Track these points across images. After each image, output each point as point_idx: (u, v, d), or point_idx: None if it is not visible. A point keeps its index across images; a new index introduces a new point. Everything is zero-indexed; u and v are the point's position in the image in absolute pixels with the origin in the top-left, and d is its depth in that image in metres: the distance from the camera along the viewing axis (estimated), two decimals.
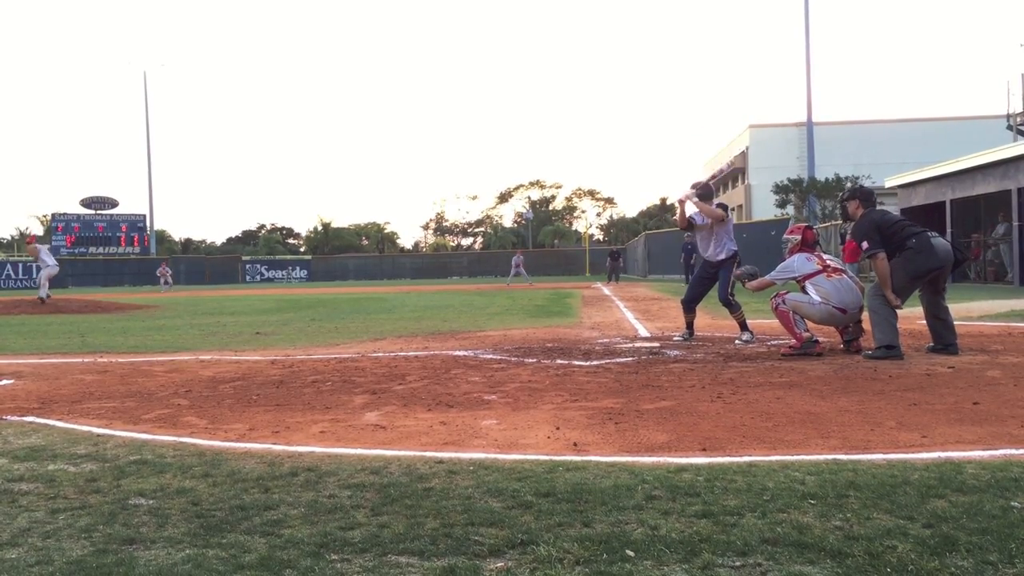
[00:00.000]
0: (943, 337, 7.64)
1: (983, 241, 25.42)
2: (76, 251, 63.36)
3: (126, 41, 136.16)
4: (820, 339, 7.96)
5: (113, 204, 66.64)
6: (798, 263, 8.23)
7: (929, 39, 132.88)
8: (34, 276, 42.80)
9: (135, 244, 65.90)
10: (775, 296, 8.10)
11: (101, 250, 64.31)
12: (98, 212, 65.60)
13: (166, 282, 46.08)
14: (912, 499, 3.13)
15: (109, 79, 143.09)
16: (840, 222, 34.64)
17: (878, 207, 7.88)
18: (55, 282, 23.88)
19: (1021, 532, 2.74)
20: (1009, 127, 35.66)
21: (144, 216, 67.60)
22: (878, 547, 2.64)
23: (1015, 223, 22.45)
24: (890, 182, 30.71)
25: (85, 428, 4.99)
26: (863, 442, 4.15)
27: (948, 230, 26.22)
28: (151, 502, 3.39)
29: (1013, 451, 3.86)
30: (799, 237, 8.40)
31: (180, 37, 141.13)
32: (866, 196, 7.92)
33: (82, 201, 65.70)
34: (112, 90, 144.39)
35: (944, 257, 7.52)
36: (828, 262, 8.21)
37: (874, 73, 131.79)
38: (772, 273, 8.32)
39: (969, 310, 13.17)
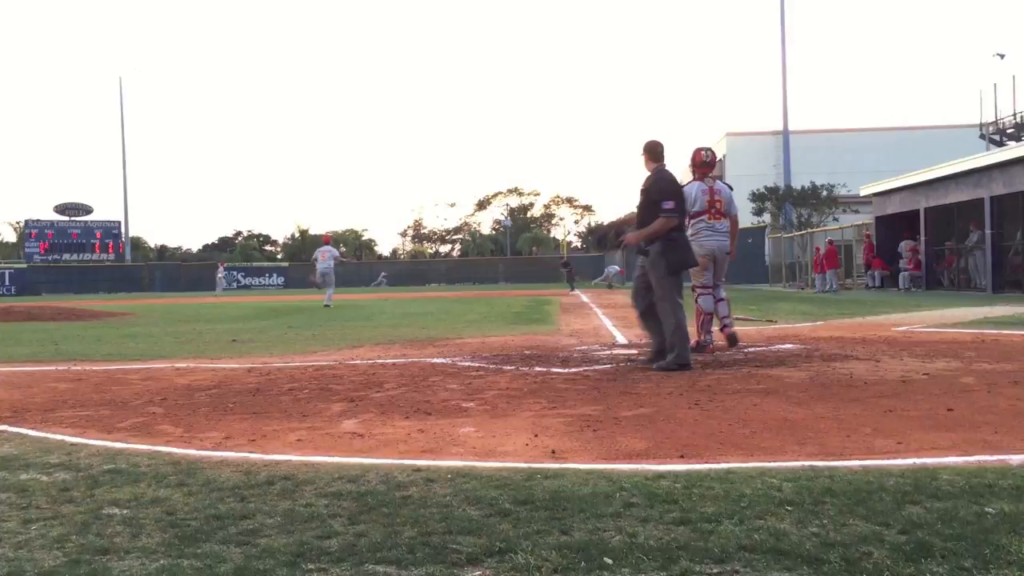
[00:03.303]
0: (658, 343, 7.65)
1: (957, 249, 25.71)
2: (50, 258, 62.74)
3: (101, 45, 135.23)
4: (712, 347, 8.63)
5: (87, 210, 66.06)
6: (696, 192, 8.60)
7: (904, 49, 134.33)
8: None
9: (110, 251, 65.34)
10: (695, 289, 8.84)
11: (75, 257, 63.70)
12: (72, 219, 65.00)
13: (224, 287, 46.26)
14: (888, 505, 3.15)
15: (83, 84, 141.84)
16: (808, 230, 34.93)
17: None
18: (26, 289, 23.89)
19: (995, 538, 2.76)
20: (982, 136, 36.21)
21: (119, 223, 67.05)
22: (854, 553, 2.65)
23: (987, 231, 22.73)
24: (865, 190, 31.03)
25: (58, 437, 4.93)
26: (839, 448, 4.18)
27: (922, 237, 26.54)
28: (125, 512, 3.36)
29: (987, 457, 3.89)
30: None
31: (156, 42, 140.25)
32: (652, 149, 7.82)
33: (56, 207, 65.10)
34: (87, 95, 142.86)
35: (693, 257, 7.74)
36: (716, 199, 8.60)
37: (850, 82, 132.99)
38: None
39: (943, 317, 13.32)
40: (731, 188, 9.08)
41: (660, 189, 7.57)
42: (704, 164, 8.91)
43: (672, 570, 2.58)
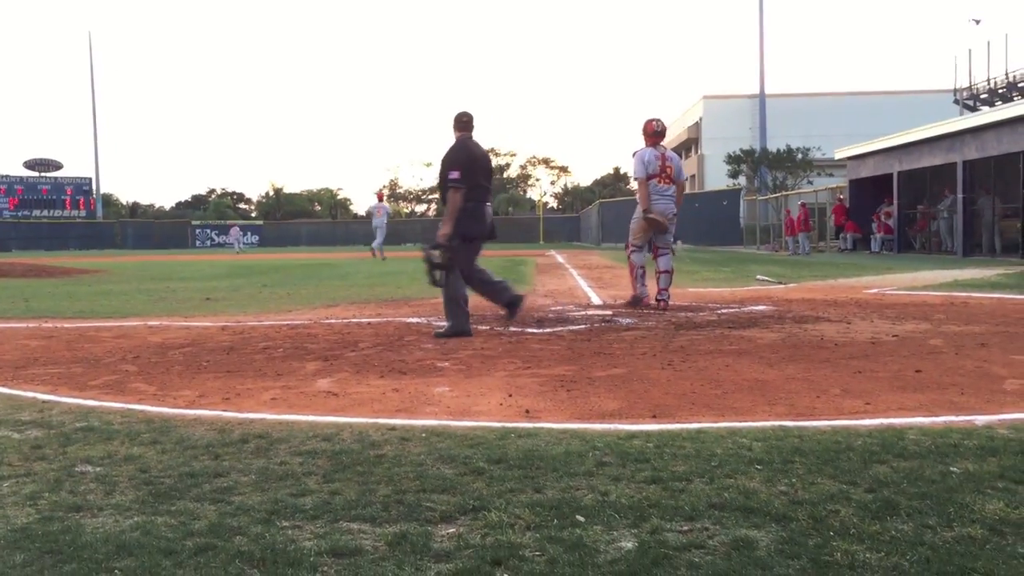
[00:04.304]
0: (500, 298, 7.91)
1: (929, 212, 25.91)
2: (19, 214, 61.86)
3: None
4: (647, 299, 9.36)
5: (57, 166, 65.08)
6: (650, 157, 9.34)
7: (880, 14, 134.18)
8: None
9: (81, 207, 64.56)
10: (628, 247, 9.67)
11: (46, 213, 62.85)
12: (42, 174, 64.03)
13: (239, 247, 46.27)
14: (855, 464, 3.20)
15: (53, 37, 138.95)
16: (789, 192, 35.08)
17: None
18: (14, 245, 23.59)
19: (959, 496, 2.82)
20: (956, 101, 36.35)
21: (90, 179, 66.16)
22: (822, 511, 2.70)
23: (959, 195, 22.92)
24: (840, 154, 31.13)
25: (30, 394, 4.90)
26: (809, 409, 4.23)
27: (896, 201, 26.72)
28: (98, 469, 3.35)
29: (953, 418, 3.96)
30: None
31: None
32: (457, 119, 7.75)
33: (25, 163, 64.05)
34: (57, 49, 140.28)
35: (488, 229, 7.78)
36: (667, 164, 9.35)
37: (827, 47, 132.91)
38: (635, 170, 9.57)
39: (914, 280, 13.46)
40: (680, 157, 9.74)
41: (447, 160, 7.56)
42: (655, 134, 9.54)
43: (643, 528, 2.61)
